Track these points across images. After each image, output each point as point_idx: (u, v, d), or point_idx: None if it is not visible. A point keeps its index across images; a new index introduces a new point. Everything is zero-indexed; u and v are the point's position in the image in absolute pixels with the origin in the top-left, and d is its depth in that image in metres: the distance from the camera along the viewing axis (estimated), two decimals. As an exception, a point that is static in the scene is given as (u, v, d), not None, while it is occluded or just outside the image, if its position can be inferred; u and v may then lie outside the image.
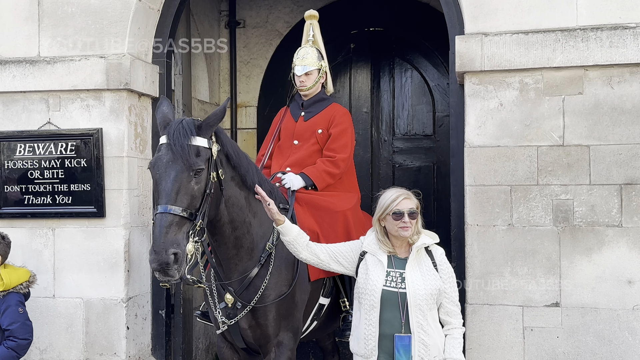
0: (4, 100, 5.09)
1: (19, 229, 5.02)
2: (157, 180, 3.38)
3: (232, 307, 3.81)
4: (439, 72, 6.78)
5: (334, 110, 4.62)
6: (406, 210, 3.38)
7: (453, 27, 4.70)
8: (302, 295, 4.01)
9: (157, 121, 3.62)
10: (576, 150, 4.33)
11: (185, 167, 3.32)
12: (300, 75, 4.58)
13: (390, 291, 3.34)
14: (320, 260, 3.59)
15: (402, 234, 3.38)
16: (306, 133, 4.58)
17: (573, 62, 4.31)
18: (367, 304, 3.36)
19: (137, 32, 5.05)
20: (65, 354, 4.98)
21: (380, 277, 3.36)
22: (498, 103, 4.45)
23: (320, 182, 4.41)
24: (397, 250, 3.46)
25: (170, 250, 3.18)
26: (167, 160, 3.35)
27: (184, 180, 3.32)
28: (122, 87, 4.91)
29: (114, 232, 4.94)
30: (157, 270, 3.20)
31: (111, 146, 4.95)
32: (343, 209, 4.39)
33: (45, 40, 5.05)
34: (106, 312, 4.94)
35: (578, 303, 4.31)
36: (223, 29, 7.24)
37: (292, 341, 3.93)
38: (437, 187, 6.71)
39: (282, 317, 3.88)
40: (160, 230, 3.21)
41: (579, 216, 4.32)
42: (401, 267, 3.40)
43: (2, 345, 4.19)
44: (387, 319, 3.32)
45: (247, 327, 3.85)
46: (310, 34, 4.80)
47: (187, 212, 3.29)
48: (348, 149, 4.55)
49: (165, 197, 3.28)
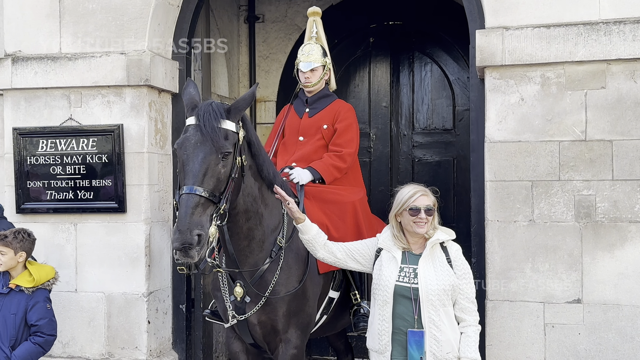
0: (26, 97, 5.14)
1: (41, 224, 5.08)
2: (184, 160, 3.35)
3: (241, 301, 3.80)
4: (459, 66, 6.72)
5: (338, 106, 4.65)
6: (423, 207, 3.38)
7: (473, 21, 4.66)
8: (313, 289, 4.00)
9: (184, 103, 3.60)
10: (598, 145, 4.29)
11: (214, 149, 3.32)
12: (305, 71, 4.62)
13: (403, 286, 3.35)
14: (337, 258, 3.61)
15: (417, 230, 3.39)
16: (311, 129, 4.61)
17: (595, 56, 4.26)
18: (381, 300, 3.38)
19: (157, 28, 5.07)
20: (88, 348, 5.04)
21: (394, 273, 3.38)
22: (519, 98, 4.41)
23: (328, 175, 4.43)
24: (412, 246, 3.46)
25: (195, 231, 3.17)
26: (195, 141, 3.34)
27: (211, 162, 3.31)
28: (143, 83, 4.94)
29: (135, 227, 4.97)
30: (179, 250, 3.17)
31: (132, 142, 4.98)
32: (352, 200, 4.41)
33: (67, 36, 5.09)
34: (127, 307, 4.98)
35: (600, 300, 4.27)
36: (242, 23, 7.24)
37: (299, 339, 3.91)
38: (457, 182, 6.66)
39: (292, 313, 3.87)
40: (186, 211, 3.19)
41: (601, 212, 4.28)
42: (415, 263, 3.40)
43: (29, 341, 4.24)
44: (400, 314, 3.34)
45: (257, 322, 3.85)
46: (314, 30, 4.84)
47: (212, 195, 3.28)
48: (354, 143, 4.59)
49: (192, 178, 3.26)
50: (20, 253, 4.27)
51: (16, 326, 4.19)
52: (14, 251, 4.24)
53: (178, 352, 5.28)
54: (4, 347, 4.16)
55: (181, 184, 3.33)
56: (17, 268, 4.31)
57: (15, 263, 4.28)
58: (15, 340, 4.20)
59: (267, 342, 3.93)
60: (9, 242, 4.22)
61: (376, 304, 3.43)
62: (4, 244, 4.22)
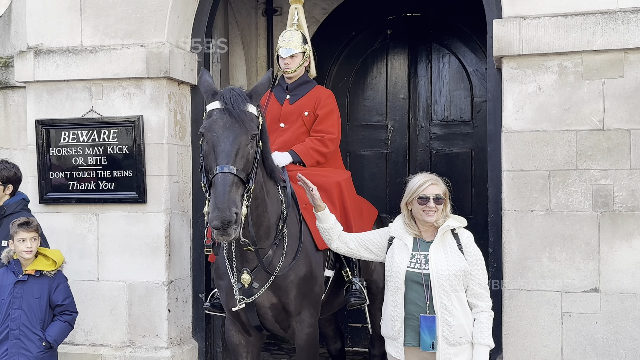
0: (48, 89, 5.23)
1: (64, 214, 5.18)
2: (213, 142, 3.39)
3: (249, 288, 3.85)
4: (477, 57, 6.71)
5: (319, 92, 4.72)
6: (432, 196, 3.42)
7: (491, 11, 4.66)
8: (318, 268, 4.08)
9: (202, 90, 3.66)
10: (616, 135, 4.28)
11: (244, 130, 3.40)
12: (285, 57, 4.69)
13: (414, 272, 3.39)
14: (350, 248, 3.67)
15: (426, 219, 3.43)
16: (292, 115, 4.67)
17: (613, 45, 4.24)
18: (393, 286, 3.44)
19: (176, 21, 5.13)
20: (109, 335, 5.13)
21: (405, 259, 3.43)
22: (536, 87, 4.41)
23: (308, 158, 4.50)
24: (424, 234, 3.50)
25: (233, 209, 3.21)
26: (223, 123, 3.40)
27: (242, 142, 3.39)
28: (162, 75, 5.00)
29: (155, 217, 5.05)
30: (218, 228, 3.19)
31: (152, 133, 5.05)
32: (337, 180, 4.46)
33: (87, 29, 5.17)
34: (148, 295, 5.06)
35: (617, 288, 4.27)
36: (260, 16, 7.28)
37: (313, 317, 4.01)
38: (474, 174, 6.66)
39: (303, 295, 3.95)
40: (224, 189, 3.23)
41: (619, 201, 4.27)
42: (426, 250, 3.44)
43: (58, 320, 4.35)
44: (412, 300, 3.38)
45: (268, 305, 3.90)
46: (295, 18, 4.92)
47: (243, 175, 3.35)
48: (336, 129, 4.65)
49: (225, 158, 3.31)
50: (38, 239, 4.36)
51: (43, 309, 4.29)
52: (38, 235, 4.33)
53: (198, 340, 5.35)
54: (36, 330, 4.26)
55: (211, 165, 3.37)
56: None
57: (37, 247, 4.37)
58: (44, 323, 4.30)
59: (278, 322, 3.99)
60: (36, 225, 4.30)
61: (389, 291, 3.49)
62: (34, 228, 4.28)
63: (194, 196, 5.35)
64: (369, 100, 7.01)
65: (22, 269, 4.29)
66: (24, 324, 4.26)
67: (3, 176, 4.62)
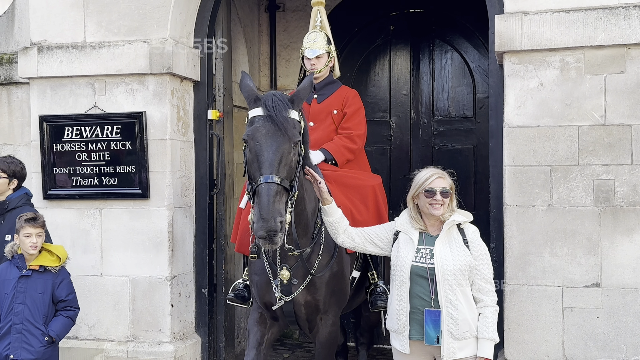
0: (51, 85, 5.25)
1: (67, 210, 5.20)
2: (257, 151, 3.42)
3: (288, 284, 3.85)
4: (480, 53, 6.71)
5: (345, 92, 4.82)
6: (438, 189, 3.43)
7: (493, 7, 4.67)
8: (347, 268, 4.14)
9: (244, 95, 3.67)
10: (618, 130, 4.28)
11: (287, 138, 3.43)
12: (311, 58, 4.75)
13: (420, 266, 3.41)
14: (355, 243, 3.69)
15: (433, 212, 3.44)
16: (321, 114, 4.74)
17: (615, 40, 4.25)
18: (398, 280, 3.45)
19: (179, 17, 5.15)
20: (113, 330, 5.16)
21: (410, 254, 3.44)
22: (538, 83, 4.41)
23: (339, 156, 4.56)
24: (429, 228, 3.51)
25: (277, 218, 3.27)
26: (266, 131, 3.43)
27: (285, 151, 3.42)
28: (165, 71, 5.02)
29: (158, 212, 5.07)
30: (263, 238, 3.26)
31: (154, 129, 5.07)
32: (372, 184, 4.52)
33: (91, 25, 5.19)
34: (151, 290, 5.09)
35: (619, 283, 4.28)
36: (263, 12, 7.29)
37: (336, 316, 4.07)
38: (477, 170, 6.66)
39: (333, 293, 4.00)
40: (269, 199, 3.28)
41: (620, 196, 4.28)
42: (431, 244, 3.45)
43: (61, 315, 4.38)
44: (417, 294, 3.40)
45: (303, 303, 3.93)
46: (318, 19, 4.97)
47: (286, 183, 3.40)
48: (363, 126, 4.75)
49: (269, 167, 3.36)
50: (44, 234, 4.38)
51: (46, 304, 4.32)
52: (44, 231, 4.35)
53: (201, 335, 5.38)
54: (39, 325, 4.29)
55: (255, 174, 3.41)
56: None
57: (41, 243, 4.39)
58: (46, 318, 4.33)
59: (309, 321, 4.02)
60: (43, 222, 4.32)
61: (394, 285, 3.50)
62: (41, 224, 4.30)
63: (197, 192, 5.37)
64: (372, 97, 7.01)
65: (26, 264, 4.31)
66: (27, 319, 4.28)
67: (11, 170, 4.65)
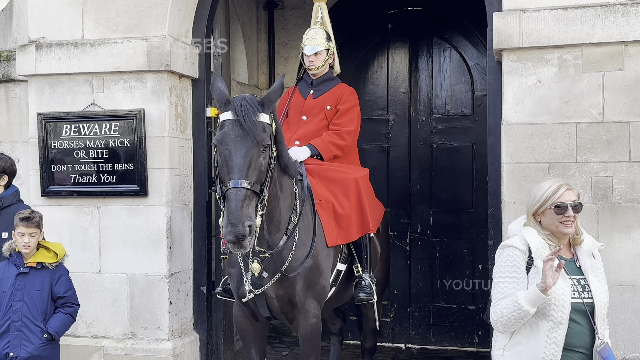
0: (50, 83, 5.25)
1: (66, 207, 5.21)
2: (226, 155, 3.46)
3: (258, 277, 3.91)
4: (478, 51, 6.71)
5: (342, 89, 4.83)
6: (569, 203, 2.92)
7: (491, 4, 4.67)
8: (325, 262, 4.14)
9: (215, 98, 3.72)
10: (616, 127, 4.29)
11: (256, 143, 3.45)
12: (309, 55, 4.77)
13: (577, 302, 2.88)
14: (527, 311, 2.87)
15: (564, 231, 2.93)
16: (315, 109, 4.78)
17: (613, 37, 4.26)
18: (554, 320, 2.85)
19: (177, 14, 5.15)
20: (111, 328, 5.16)
21: (566, 288, 2.87)
22: (536, 80, 4.42)
23: (326, 152, 4.59)
24: None
25: (246, 222, 3.31)
26: (235, 135, 3.46)
27: (254, 155, 3.45)
28: (163, 69, 5.02)
29: (157, 210, 5.07)
30: (233, 242, 3.31)
31: (153, 126, 5.07)
32: (354, 177, 4.53)
33: (89, 23, 5.19)
34: (150, 288, 5.09)
35: (616, 280, 4.28)
36: (261, 10, 7.30)
37: (317, 309, 4.07)
38: (475, 167, 6.67)
39: (308, 286, 4.01)
40: (237, 204, 3.32)
41: (618, 194, 4.29)
42: (575, 272, 2.96)
43: (60, 312, 4.37)
44: (573, 334, 2.88)
45: (274, 296, 3.97)
46: (319, 16, 5.00)
47: (256, 187, 3.42)
48: (354, 123, 4.76)
49: (237, 172, 3.39)
50: (41, 233, 4.38)
51: (44, 301, 4.31)
52: (39, 232, 4.35)
53: (199, 332, 5.38)
54: (38, 322, 4.28)
55: (225, 179, 3.45)
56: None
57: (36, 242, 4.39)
58: (45, 315, 4.32)
59: (284, 313, 4.06)
60: (37, 222, 4.32)
61: (540, 325, 2.87)
62: (35, 224, 4.30)
63: (195, 189, 5.37)
64: (370, 94, 7.02)
65: (24, 262, 4.31)
66: (25, 316, 4.28)
67: (0, 166, 4.65)
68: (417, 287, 6.84)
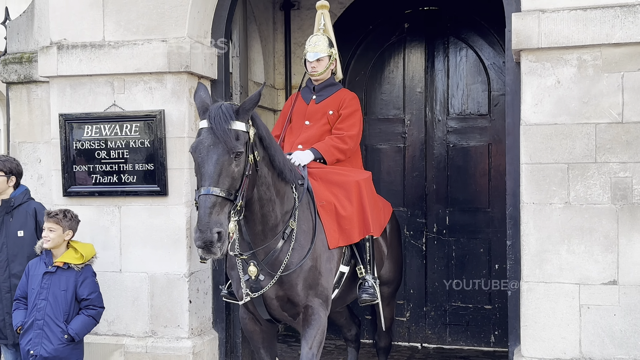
0: (71, 84, 5.31)
1: (87, 207, 5.26)
2: (199, 163, 3.52)
3: (255, 280, 3.95)
4: (495, 51, 6.72)
5: (344, 94, 4.92)
6: None
7: (509, 4, 4.68)
8: (326, 264, 4.16)
9: (196, 106, 3.77)
10: (635, 128, 4.29)
11: (227, 150, 3.47)
12: (312, 61, 4.86)
13: None
14: None
15: None
16: (317, 114, 4.86)
17: (632, 38, 4.25)
18: None
19: (197, 16, 5.19)
20: (132, 326, 5.22)
21: None
22: (555, 80, 4.42)
23: (328, 155, 4.66)
24: None
25: (215, 229, 3.34)
26: (208, 144, 3.50)
27: (225, 163, 3.46)
28: (183, 70, 5.07)
29: (176, 209, 5.12)
30: (201, 248, 3.36)
31: (173, 127, 5.12)
32: (356, 179, 4.56)
33: (110, 25, 5.24)
34: (170, 287, 5.14)
35: (636, 281, 4.28)
36: (278, 10, 7.34)
37: (322, 307, 4.07)
38: (491, 167, 6.68)
39: (309, 286, 4.04)
40: (205, 211, 3.37)
41: (637, 194, 4.29)
42: None
43: (82, 314, 4.44)
44: None
45: (274, 297, 4.01)
46: (321, 23, 5.07)
47: (228, 193, 3.45)
48: (356, 127, 4.82)
49: (208, 180, 3.43)
50: (67, 232, 4.45)
51: (67, 302, 4.38)
52: (62, 229, 4.42)
53: (218, 331, 5.43)
54: (59, 322, 4.35)
55: (199, 185, 3.51)
56: (61, 247, 4.49)
57: (62, 241, 4.46)
58: (68, 315, 4.38)
59: (285, 311, 4.08)
60: (59, 219, 4.40)
61: None
62: (55, 221, 4.39)
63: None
64: (386, 94, 7.04)
65: (53, 260, 4.38)
66: (48, 315, 4.35)
67: (7, 167, 4.75)
68: (433, 287, 6.86)
